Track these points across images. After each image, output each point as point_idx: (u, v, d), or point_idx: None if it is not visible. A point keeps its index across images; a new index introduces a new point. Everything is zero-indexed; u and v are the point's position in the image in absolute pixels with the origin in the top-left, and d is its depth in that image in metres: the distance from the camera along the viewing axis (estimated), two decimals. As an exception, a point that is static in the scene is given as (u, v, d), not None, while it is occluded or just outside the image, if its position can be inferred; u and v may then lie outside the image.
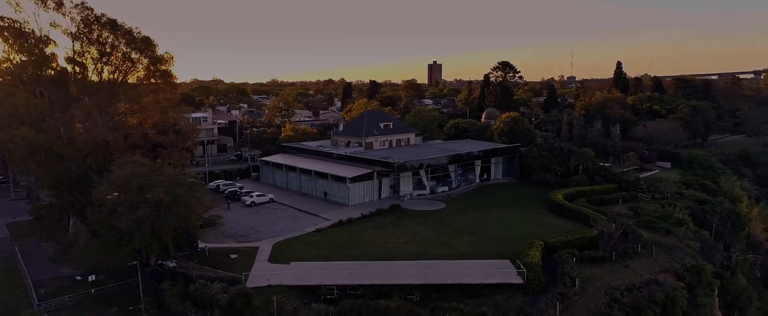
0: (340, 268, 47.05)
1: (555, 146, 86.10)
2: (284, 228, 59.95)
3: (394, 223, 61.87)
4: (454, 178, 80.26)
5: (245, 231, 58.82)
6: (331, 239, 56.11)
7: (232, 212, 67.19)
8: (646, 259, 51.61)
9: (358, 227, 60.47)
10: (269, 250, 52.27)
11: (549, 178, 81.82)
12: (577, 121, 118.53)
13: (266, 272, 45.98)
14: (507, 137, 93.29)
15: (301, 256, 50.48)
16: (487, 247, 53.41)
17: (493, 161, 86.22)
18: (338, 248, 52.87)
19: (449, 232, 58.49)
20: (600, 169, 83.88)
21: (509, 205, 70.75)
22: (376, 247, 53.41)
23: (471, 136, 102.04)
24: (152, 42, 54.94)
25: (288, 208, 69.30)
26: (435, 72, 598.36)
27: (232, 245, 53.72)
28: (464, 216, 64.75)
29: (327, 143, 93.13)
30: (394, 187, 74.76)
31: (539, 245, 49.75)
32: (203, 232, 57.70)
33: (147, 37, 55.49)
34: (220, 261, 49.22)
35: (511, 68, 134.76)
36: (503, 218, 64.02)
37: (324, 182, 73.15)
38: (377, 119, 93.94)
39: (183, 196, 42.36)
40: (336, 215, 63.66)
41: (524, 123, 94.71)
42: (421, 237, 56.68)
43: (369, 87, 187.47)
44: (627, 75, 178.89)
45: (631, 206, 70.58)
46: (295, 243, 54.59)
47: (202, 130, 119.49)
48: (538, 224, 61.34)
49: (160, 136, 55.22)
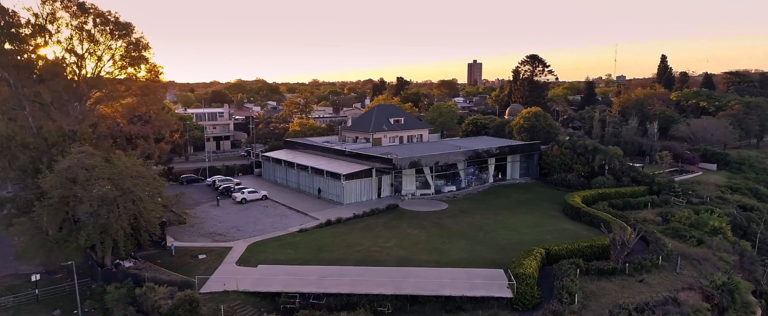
0: (311, 273, 42.39)
1: (578, 144, 78.53)
2: (267, 227, 55.91)
3: (386, 224, 56.74)
4: (464, 177, 74.16)
5: (225, 229, 55.11)
6: (313, 240, 51.58)
7: (220, 209, 63.85)
8: (667, 273, 44.37)
9: (345, 227, 55.71)
10: (242, 251, 48.22)
11: (570, 178, 74.47)
12: (610, 118, 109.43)
13: (228, 275, 41.85)
14: (527, 134, 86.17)
15: (273, 258, 46.16)
16: (483, 254, 47.50)
17: (509, 160, 79.48)
18: (317, 251, 48.27)
19: (444, 236, 52.84)
20: (628, 169, 75.76)
21: (520, 207, 64.21)
22: (359, 250, 48.47)
23: (489, 134, 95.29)
24: (128, 26, 51.81)
25: (279, 206, 65.31)
26: (475, 71, 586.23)
27: (204, 245, 50.01)
28: (465, 218, 58.83)
29: (334, 139, 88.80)
30: (395, 185, 69.49)
31: (538, 254, 43.46)
32: (179, 229, 54.56)
33: (125, 22, 52.56)
34: (185, 262, 45.54)
35: (540, 62, 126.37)
36: (509, 222, 57.74)
37: (320, 178, 68.73)
38: (387, 114, 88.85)
39: (133, 190, 38.72)
40: (326, 215, 59.09)
41: (547, 119, 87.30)
42: (411, 240, 51.32)
43: (396, 84, 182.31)
44: (672, 70, 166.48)
45: (661, 212, 62.64)
46: (273, 244, 50.36)
47: (217, 126, 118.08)
48: (547, 230, 54.78)
49: (129, 127, 52.14)
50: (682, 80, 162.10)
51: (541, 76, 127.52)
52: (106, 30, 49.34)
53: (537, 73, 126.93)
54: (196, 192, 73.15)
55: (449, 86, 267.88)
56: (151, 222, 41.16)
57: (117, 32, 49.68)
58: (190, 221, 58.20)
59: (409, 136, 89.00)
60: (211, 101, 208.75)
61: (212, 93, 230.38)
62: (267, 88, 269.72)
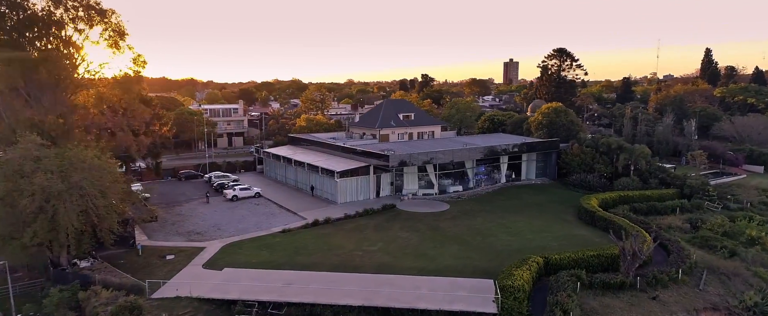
0: (277, 278, 38.45)
1: (601, 142, 71.81)
2: (250, 226, 52.39)
3: (377, 226, 52.29)
4: (471, 176, 68.75)
5: (205, 228, 51.91)
6: (293, 241, 47.68)
7: (209, 206, 60.87)
8: (687, 289, 38.17)
9: (332, 228, 51.57)
10: (214, 252, 44.77)
11: (591, 179, 67.94)
12: (643, 115, 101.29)
13: (189, 279, 38.38)
14: (545, 132, 79.82)
15: (244, 261, 42.47)
16: (476, 261, 42.41)
17: (524, 159, 73.50)
18: (293, 254, 44.31)
19: (438, 239, 47.95)
20: (656, 170, 68.61)
21: (530, 210, 58.47)
22: (339, 254, 44.22)
23: (506, 131, 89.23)
24: (105, 11, 48.91)
25: (271, 204, 61.79)
26: (511, 70, 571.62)
27: (177, 244, 46.84)
28: (465, 221, 53.69)
29: (341, 135, 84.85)
30: (395, 184, 64.86)
31: (535, 263, 38.08)
32: (157, 227, 51.79)
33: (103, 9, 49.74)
34: (151, 262, 42.43)
35: (568, 56, 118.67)
36: (513, 226, 52.27)
37: (315, 176, 64.85)
38: (396, 110, 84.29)
39: (81, 184, 35.68)
40: (316, 214, 55.13)
41: (568, 115, 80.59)
42: (399, 245, 46.69)
43: (421, 81, 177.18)
44: (718, 65, 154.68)
45: (691, 218, 55.75)
46: (249, 245, 46.73)
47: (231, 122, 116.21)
48: (554, 235, 49.08)
49: (100, 117, 49.37)
50: (728, 76, 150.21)
51: (569, 72, 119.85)
52: (81, 14, 46.61)
53: (565, 68, 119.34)
54: (191, 188, 70.66)
55: (480, 85, 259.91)
56: (106, 219, 38.05)
57: (95, 15, 46.75)
58: (171, 218, 55.42)
59: (419, 132, 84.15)
60: (238, 99, 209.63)
61: (240, 91, 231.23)
62: (295, 87, 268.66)
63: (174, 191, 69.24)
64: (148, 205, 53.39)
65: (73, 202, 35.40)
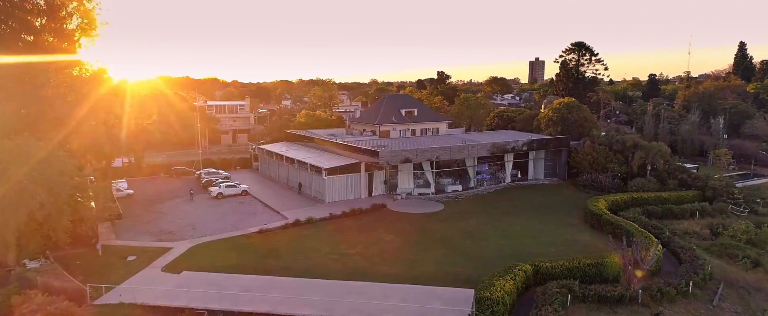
0: (236, 285, 35.07)
1: (615, 139, 66.45)
2: (227, 226, 49.29)
3: (362, 227, 48.53)
4: (473, 175, 64.27)
5: (179, 227, 49.01)
6: (267, 243, 44.31)
7: (191, 204, 58.11)
8: (698, 304, 33.24)
9: (313, 229, 48.04)
10: (180, 253, 41.70)
11: (603, 179, 62.68)
12: (667, 112, 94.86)
13: (141, 284, 35.37)
14: (557, 128, 74.63)
15: (207, 264, 39.25)
16: (461, 268, 38.25)
17: (531, 157, 68.62)
18: (264, 256, 40.90)
19: (423, 243, 43.91)
20: (676, 170, 62.97)
21: (532, 212, 53.83)
22: (312, 258, 40.62)
23: (516, 128, 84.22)
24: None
25: (256, 202, 58.68)
26: (536, 69, 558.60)
27: (143, 244, 43.96)
28: (458, 223, 49.46)
29: (341, 132, 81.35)
30: (389, 182, 60.94)
31: (521, 272, 33.70)
32: (128, 225, 49.18)
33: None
34: (110, 264, 39.53)
35: (587, 50, 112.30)
36: (510, 229, 47.82)
37: (304, 173, 61.46)
38: (398, 105, 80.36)
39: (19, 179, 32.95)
40: (299, 213, 51.71)
41: (581, 111, 75.19)
42: (379, 248, 42.83)
43: (436, 79, 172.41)
44: (752, 59, 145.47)
45: (712, 223, 50.30)
46: (219, 246, 43.54)
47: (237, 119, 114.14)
48: (554, 240, 44.48)
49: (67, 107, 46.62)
50: (764, 70, 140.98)
51: (588, 67, 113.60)
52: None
53: (583, 62, 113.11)
54: (181, 185, 68.07)
55: (501, 83, 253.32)
56: (54, 217, 35.28)
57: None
58: (149, 216, 52.80)
59: (423, 129, 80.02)
60: (254, 97, 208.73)
61: (256, 89, 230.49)
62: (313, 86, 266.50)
63: (162, 188, 66.89)
64: (115, 203, 50.69)
65: (10, 198, 32.66)
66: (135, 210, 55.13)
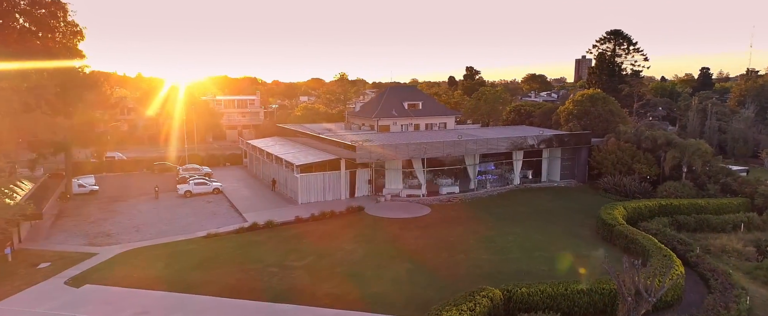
0: (136, 304, 28.78)
1: (645, 136, 56.69)
2: (177, 229, 43.40)
3: (326, 234, 41.53)
4: (473, 175, 56.04)
5: (122, 229, 43.45)
6: (207, 250, 37.99)
7: (153, 203, 52.73)
8: (727, 355, 24.34)
9: (268, 235, 41.41)
10: (100, 261, 35.92)
11: (627, 183, 53.21)
12: (715, 106, 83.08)
13: (30, 298, 29.73)
14: (578, 123, 65.20)
15: (122, 276, 33.14)
16: (421, 288, 30.66)
17: (545, 155, 59.72)
18: (192, 268, 34.53)
19: (388, 255, 36.47)
20: (719, 172, 52.74)
21: (534, 220, 45.36)
22: (248, 270, 33.94)
23: (535, 123, 75.01)
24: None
25: (224, 202, 52.73)
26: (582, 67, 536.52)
27: (68, 249, 38.48)
28: (439, 232, 41.67)
29: (340, 126, 74.67)
30: (375, 182, 53.65)
31: (486, 300, 25.72)
32: (65, 225, 44.20)
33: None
34: (14, 272, 34.01)
35: (624, 39, 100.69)
36: (501, 240, 39.65)
37: (281, 169, 55.05)
38: (401, 98, 72.91)
39: None
40: (263, 216, 45.30)
41: (607, 104, 65.40)
42: (335, 259, 35.70)
43: (465, 75, 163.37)
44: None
45: (760, 239, 40.35)
46: (150, 254, 37.51)
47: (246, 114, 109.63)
48: (550, 256, 36.09)
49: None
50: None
51: (625, 58, 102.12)
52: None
53: (620, 52, 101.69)
54: (159, 181, 62.97)
55: (539, 81, 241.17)
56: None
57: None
58: (98, 215, 47.71)
59: (428, 123, 72.25)
60: (282, 95, 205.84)
61: (286, 87, 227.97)
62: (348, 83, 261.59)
63: (135, 184, 62.15)
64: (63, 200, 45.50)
65: None
66: (88, 209, 50.23)
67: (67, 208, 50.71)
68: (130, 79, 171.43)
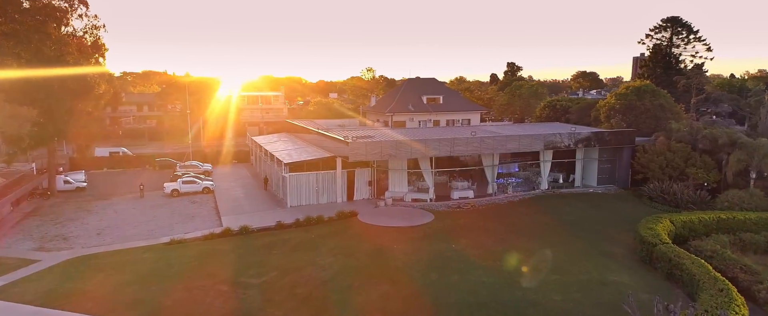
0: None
1: (702, 134, 47.38)
2: (140, 233, 38.62)
3: (303, 244, 35.46)
4: (491, 178, 48.48)
5: (84, 232, 39.04)
6: (159, 260, 32.80)
7: (134, 202, 48.50)
8: None
9: (237, 243, 35.82)
10: (35, 271, 31.32)
11: (677, 190, 44.23)
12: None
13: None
14: (621, 119, 56.18)
15: (42, 291, 28.18)
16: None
17: (579, 157, 51.39)
18: (131, 282, 29.24)
19: (367, 273, 29.96)
20: (797, 179, 42.89)
21: (557, 233, 37.56)
22: (192, 287, 28.32)
23: (571, 120, 66.16)
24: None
25: (210, 202, 47.82)
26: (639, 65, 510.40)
27: (8, 255, 34.14)
28: (436, 245, 34.71)
29: (354, 122, 68.58)
30: (374, 184, 47.15)
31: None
32: (35, 227, 40.19)
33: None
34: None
35: (683, 27, 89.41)
36: (509, 259, 32.30)
37: (274, 167, 49.60)
38: (420, 92, 66.25)
39: None
40: (241, 220, 39.88)
41: (657, 97, 56.00)
42: (300, 277, 29.56)
43: (506, 71, 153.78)
44: None
45: None
46: (96, 262, 32.68)
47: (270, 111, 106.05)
48: (568, 281, 28.55)
49: None
50: None
51: (683, 49, 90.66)
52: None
53: (678, 42, 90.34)
54: (158, 178, 59.13)
55: (590, 78, 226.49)
56: None
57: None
58: (68, 215, 43.78)
59: (449, 120, 65.04)
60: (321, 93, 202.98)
61: (324, 85, 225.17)
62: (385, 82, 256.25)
63: (128, 181, 58.52)
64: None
65: None
66: (63, 207, 46.50)
67: (43, 206, 47.22)
68: (171, 78, 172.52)
